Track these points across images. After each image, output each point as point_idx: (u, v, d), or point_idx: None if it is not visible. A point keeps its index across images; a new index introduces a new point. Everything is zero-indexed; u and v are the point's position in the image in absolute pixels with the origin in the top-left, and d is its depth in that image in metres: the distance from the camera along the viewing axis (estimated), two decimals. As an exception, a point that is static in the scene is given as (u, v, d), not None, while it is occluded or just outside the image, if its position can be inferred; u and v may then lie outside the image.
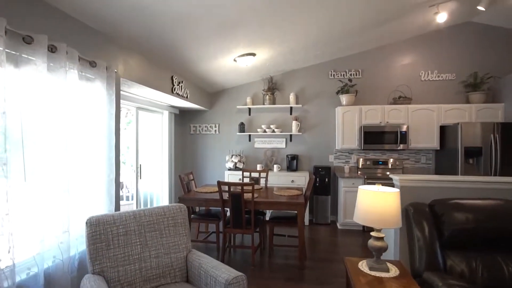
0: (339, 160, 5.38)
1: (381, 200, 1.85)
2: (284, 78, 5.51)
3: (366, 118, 4.96)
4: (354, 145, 5.00)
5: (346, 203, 4.78)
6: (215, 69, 4.42)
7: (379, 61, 5.24)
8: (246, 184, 3.24)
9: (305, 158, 5.48)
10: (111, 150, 2.58)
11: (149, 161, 5.09)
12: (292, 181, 5.03)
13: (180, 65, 3.96)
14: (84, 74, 2.36)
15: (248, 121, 5.63)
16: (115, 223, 1.97)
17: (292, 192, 3.77)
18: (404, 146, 4.83)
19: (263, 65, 4.77)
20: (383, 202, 1.85)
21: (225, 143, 5.75)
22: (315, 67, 5.41)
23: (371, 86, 5.27)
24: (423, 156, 5.18)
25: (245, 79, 5.42)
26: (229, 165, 5.31)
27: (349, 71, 5.31)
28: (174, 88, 4.08)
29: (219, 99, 5.78)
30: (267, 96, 5.37)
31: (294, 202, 3.27)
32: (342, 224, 4.84)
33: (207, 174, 5.83)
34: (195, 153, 5.88)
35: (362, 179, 4.73)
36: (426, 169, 5.16)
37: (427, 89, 5.14)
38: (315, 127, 5.45)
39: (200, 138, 5.86)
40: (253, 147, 5.64)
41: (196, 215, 3.86)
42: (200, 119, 5.86)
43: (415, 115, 4.86)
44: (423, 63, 5.15)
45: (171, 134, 5.19)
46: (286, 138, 5.52)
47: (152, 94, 3.92)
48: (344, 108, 5.02)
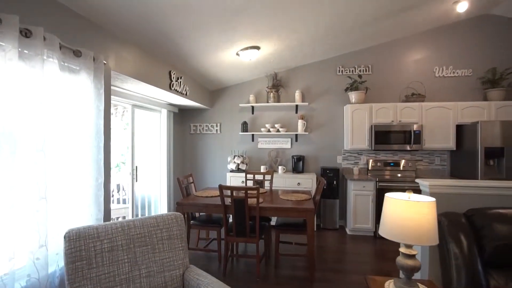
0: (348, 162, 5.08)
1: (413, 211, 1.55)
2: (289, 75, 5.22)
3: (377, 116, 4.66)
4: (364, 146, 4.69)
5: (356, 207, 4.47)
6: (217, 64, 4.13)
7: (390, 56, 4.94)
8: (251, 189, 2.95)
9: (312, 159, 5.18)
10: (99, 151, 2.29)
11: (146, 162, 4.80)
12: (298, 184, 4.73)
13: (178, 59, 3.67)
14: (67, 65, 2.07)
15: (251, 120, 5.34)
16: (99, 237, 1.67)
17: (300, 196, 3.47)
18: (418, 147, 4.53)
19: (267, 61, 4.48)
20: (416, 213, 1.55)
21: (227, 143, 5.46)
22: (322, 63, 5.11)
23: (382, 83, 4.97)
24: (437, 157, 4.87)
25: (248, 76, 5.13)
26: (231, 166, 5.02)
27: (358, 67, 5.01)
28: (172, 84, 3.79)
29: (221, 97, 5.49)
30: (271, 94, 5.08)
31: (303, 208, 2.97)
32: (352, 230, 4.54)
33: (208, 177, 5.54)
34: (195, 154, 5.59)
35: (373, 181, 4.43)
36: (441, 171, 4.85)
37: (442, 86, 4.83)
38: (322, 126, 5.15)
39: (200, 138, 5.58)
40: (257, 148, 5.34)
41: (196, 221, 3.57)
42: (201, 118, 5.57)
43: (429, 114, 4.56)
44: (437, 58, 4.84)
45: (169, 134, 4.91)
46: (292, 138, 5.23)
47: (148, 90, 3.63)
48: (353, 106, 4.72)
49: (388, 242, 4.18)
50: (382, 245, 4.11)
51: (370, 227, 4.44)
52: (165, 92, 3.75)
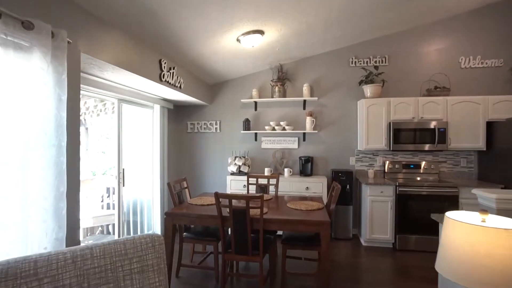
0: (362, 163, 4.55)
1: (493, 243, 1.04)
2: (296, 67, 4.71)
3: (396, 112, 4.13)
4: (381, 145, 4.17)
5: (373, 215, 3.95)
6: (215, 52, 3.64)
7: (409, 46, 4.41)
8: (253, 197, 2.44)
9: (322, 161, 4.66)
10: (60, 152, 1.81)
11: (137, 164, 4.32)
12: (307, 188, 4.22)
13: (170, 45, 3.17)
14: (11, 39, 1.58)
15: (254, 117, 4.84)
16: (36, 275, 1.18)
17: (310, 204, 2.96)
18: (443, 147, 3.99)
19: (272, 49, 3.97)
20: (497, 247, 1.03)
21: (227, 143, 4.96)
22: (333, 54, 4.59)
23: (400, 75, 4.44)
24: (463, 158, 4.33)
25: (250, 68, 4.63)
26: (232, 169, 4.52)
27: (373, 57, 4.49)
28: (163, 75, 3.31)
29: (221, 92, 5.00)
30: (277, 88, 4.57)
31: (316, 221, 2.46)
32: (367, 241, 4.01)
33: (207, 180, 5.05)
34: (193, 155, 5.10)
35: (392, 186, 3.90)
36: (467, 174, 4.31)
37: (469, 79, 4.29)
38: (333, 124, 4.63)
39: (198, 137, 5.08)
40: (260, 148, 4.84)
41: (190, 233, 3.08)
42: (199, 115, 5.08)
43: (455, 109, 4.02)
44: (463, 48, 4.30)
45: (163, 133, 4.42)
46: (299, 137, 4.72)
47: (135, 82, 3.15)
48: (368, 101, 4.20)
49: (411, 256, 3.65)
50: (404, 260, 3.58)
51: (388, 238, 3.92)
52: (154, 84, 3.27)
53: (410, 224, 3.83)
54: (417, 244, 3.81)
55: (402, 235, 3.85)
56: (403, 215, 3.84)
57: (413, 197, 3.83)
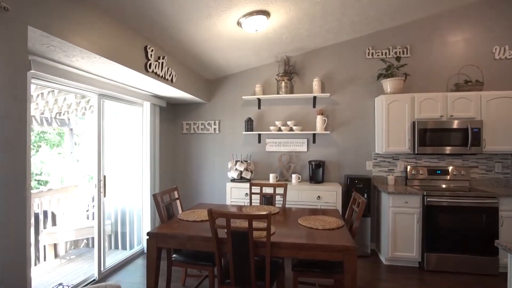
0: (380, 168, 4.00)
1: None
2: (305, 59, 4.17)
3: (421, 110, 3.58)
4: (404, 148, 3.62)
5: (396, 229, 3.39)
6: (211, 39, 3.11)
7: (434, 34, 3.86)
8: (258, 217, 1.90)
9: (334, 166, 4.11)
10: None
11: (123, 170, 3.80)
12: (318, 198, 3.67)
13: (157, 27, 2.65)
14: None
15: (257, 116, 4.30)
16: None
17: (327, 221, 2.42)
18: (477, 149, 3.44)
19: (279, 38, 3.44)
20: None
21: (227, 145, 4.43)
22: (346, 44, 4.05)
23: (424, 68, 3.89)
24: (497, 163, 3.76)
25: (253, 61, 4.10)
26: (233, 175, 3.98)
27: (392, 48, 3.94)
28: (150, 65, 2.78)
29: (220, 89, 4.47)
30: (283, 83, 4.04)
31: (339, 246, 1.91)
32: (390, 259, 3.45)
33: (205, 187, 4.51)
34: (189, 159, 4.57)
35: (419, 195, 3.34)
36: (503, 181, 3.74)
37: (504, 71, 3.74)
38: (348, 123, 4.08)
39: (195, 139, 4.55)
40: (264, 151, 4.29)
41: (180, 255, 2.54)
42: (196, 114, 4.55)
43: (491, 106, 3.47)
44: (496, 36, 3.74)
45: (154, 134, 3.89)
46: (308, 139, 4.17)
47: (116, 73, 2.63)
48: (389, 97, 3.65)
49: (443, 279, 3.09)
50: (434, 282, 3.02)
51: (415, 257, 3.35)
52: (139, 76, 2.74)
53: (440, 241, 3.26)
54: (449, 264, 3.25)
55: (431, 253, 3.28)
56: (432, 230, 3.28)
57: (444, 208, 3.27)
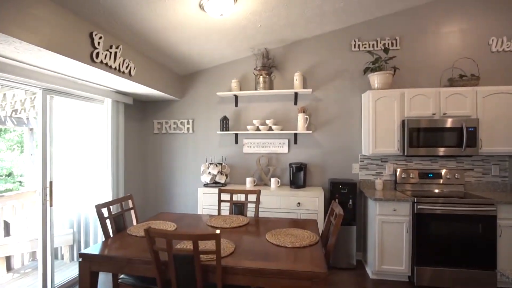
0: (368, 172, 3.65)
1: None
2: (286, 52, 3.81)
3: (412, 108, 3.24)
4: (393, 149, 3.27)
5: (384, 240, 3.05)
6: (173, 27, 2.73)
7: (426, 25, 3.52)
8: (204, 237, 1.53)
9: (317, 169, 3.76)
10: None
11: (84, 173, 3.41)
12: (298, 204, 3.31)
13: (106, 12, 2.26)
14: None
15: (234, 114, 3.93)
16: None
17: (300, 236, 2.06)
18: (473, 151, 3.11)
19: (254, 26, 3.07)
20: None
21: (202, 146, 4.05)
22: (331, 35, 3.69)
23: (414, 61, 3.55)
24: (494, 165, 3.44)
25: (228, 54, 3.72)
26: (205, 179, 3.60)
27: (381, 39, 3.60)
28: (97, 54, 2.39)
29: (194, 84, 4.08)
30: (261, 78, 3.67)
31: (306, 273, 1.55)
32: (376, 273, 3.10)
33: (177, 193, 4.12)
34: (160, 161, 4.18)
35: (408, 202, 3.00)
36: (500, 185, 3.42)
37: (501, 65, 3.41)
38: (332, 122, 3.73)
39: (167, 139, 4.16)
40: (242, 152, 3.92)
41: (129, 276, 2.16)
42: (167, 112, 4.16)
43: (488, 103, 3.14)
44: (493, 27, 3.42)
45: (117, 133, 3.50)
46: (289, 139, 3.81)
47: (56, 63, 2.24)
48: (376, 93, 3.30)
49: (436, 297, 2.76)
50: (426, 303, 2.69)
51: (404, 270, 3.01)
52: (84, 67, 2.35)
53: (432, 253, 2.93)
54: (442, 279, 2.91)
55: (422, 267, 2.94)
56: (423, 241, 2.94)
57: (436, 217, 2.93)
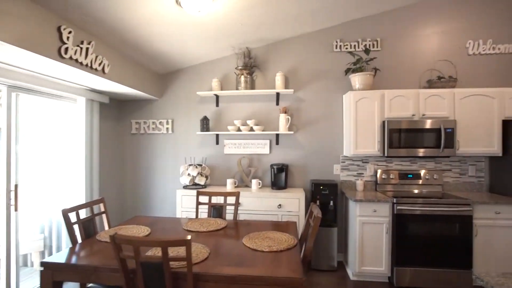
0: (349, 172, 3.65)
1: None
2: (268, 52, 3.76)
3: (392, 109, 3.25)
4: (373, 150, 3.28)
5: (364, 241, 3.04)
6: (149, 23, 2.63)
7: (406, 27, 3.55)
8: (174, 243, 1.45)
9: (299, 170, 3.72)
10: None
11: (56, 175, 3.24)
12: (279, 206, 3.26)
13: (75, 5, 2.14)
14: None
15: (215, 114, 3.85)
16: None
17: (278, 239, 2.00)
18: (450, 151, 3.15)
19: (236, 25, 3.00)
20: None
21: (182, 147, 3.94)
22: (313, 36, 3.67)
23: (395, 63, 3.57)
24: (471, 166, 3.50)
25: (209, 53, 3.64)
26: (184, 180, 3.50)
27: (362, 41, 3.60)
28: (66, 50, 2.26)
29: (173, 83, 3.97)
30: (242, 77, 3.61)
31: (282, 279, 1.49)
32: (357, 274, 3.09)
33: (155, 195, 3.99)
34: (139, 163, 4.04)
35: (388, 203, 3.01)
36: (476, 186, 3.49)
37: (477, 67, 3.48)
38: (314, 123, 3.70)
39: (146, 139, 4.03)
40: (222, 153, 3.84)
41: (97, 284, 2.04)
42: (146, 112, 4.03)
43: (465, 105, 3.19)
44: (470, 30, 3.48)
45: (92, 134, 3.34)
46: (271, 140, 3.76)
47: (22, 58, 2.10)
48: (357, 93, 3.30)
49: (414, 298, 2.77)
50: (405, 303, 2.69)
51: (384, 271, 3.01)
52: (51, 63, 2.22)
53: (411, 253, 2.94)
54: (421, 279, 2.93)
55: (401, 268, 2.95)
56: (402, 241, 2.95)
57: (414, 217, 2.95)
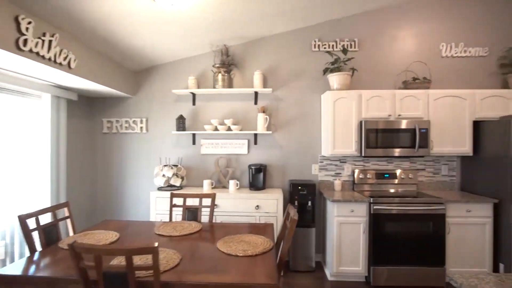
0: (327, 172, 3.64)
1: None
2: (246, 50, 3.69)
3: (369, 109, 3.27)
4: (351, 150, 3.28)
5: (342, 241, 3.04)
6: (121, 16, 2.48)
7: (383, 28, 3.59)
8: (139, 252, 1.35)
9: (277, 170, 3.68)
10: None
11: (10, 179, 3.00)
12: (257, 207, 3.20)
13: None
14: None
15: (191, 113, 3.73)
16: None
17: (253, 242, 1.93)
18: (424, 151, 3.20)
19: (212, 22, 2.90)
20: None
21: (157, 147, 3.79)
22: (291, 35, 3.64)
23: (371, 63, 3.61)
24: (444, 165, 3.59)
25: (186, 50, 3.52)
26: (159, 182, 3.36)
27: (340, 41, 3.61)
28: (25, 41, 2.08)
29: (148, 81, 3.81)
30: (220, 76, 3.51)
31: (255, 286, 1.42)
32: (334, 274, 3.08)
33: (128, 197, 3.81)
34: (111, 163, 3.84)
35: (365, 203, 3.02)
36: (449, 184, 3.58)
37: (450, 69, 3.58)
38: (292, 123, 3.67)
39: (118, 139, 3.84)
40: (199, 153, 3.73)
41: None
42: (119, 110, 3.84)
43: (438, 105, 3.26)
44: (443, 33, 3.57)
45: (57, 132, 3.14)
46: (249, 140, 3.69)
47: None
48: (335, 93, 3.29)
49: (390, 297, 2.79)
50: (381, 303, 2.70)
51: (361, 271, 3.02)
52: (8, 55, 2.04)
53: (387, 252, 2.97)
54: (397, 278, 2.96)
55: (378, 267, 2.97)
56: (379, 241, 2.97)
57: (391, 216, 2.97)
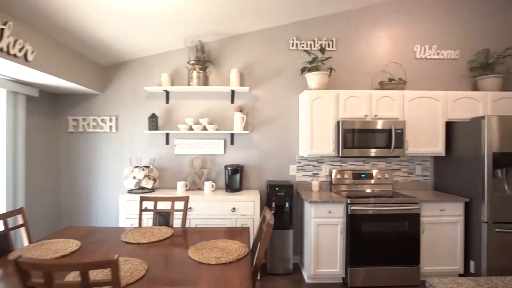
0: (305, 173, 3.60)
1: None
2: (222, 47, 3.57)
3: (346, 109, 3.26)
4: (329, 150, 3.25)
5: (319, 242, 2.99)
6: (82, 4, 2.29)
7: (360, 29, 3.60)
8: (95, 265, 1.20)
9: (254, 171, 3.59)
10: None
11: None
12: (233, 210, 3.09)
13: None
14: None
15: (165, 112, 3.56)
16: None
17: (228, 248, 1.83)
18: (400, 152, 3.23)
19: (186, 16, 2.76)
20: None
21: (127, 147, 3.58)
22: (269, 32, 3.56)
23: (348, 63, 3.60)
24: (418, 165, 3.66)
25: (159, 45, 3.35)
26: (129, 184, 3.17)
27: (318, 40, 3.57)
28: (-30, 29, 1.86)
29: (118, 77, 3.60)
30: (195, 73, 3.37)
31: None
32: (312, 277, 3.03)
33: (96, 201, 3.58)
34: (77, 165, 3.59)
35: (342, 204, 2.99)
36: (423, 184, 3.65)
37: (424, 71, 3.64)
38: (270, 122, 3.59)
39: (85, 139, 3.60)
40: (173, 154, 3.57)
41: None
42: (86, 108, 3.60)
43: (412, 106, 3.30)
44: (417, 35, 3.63)
45: (14, 131, 2.87)
46: (225, 140, 3.58)
47: None
48: (313, 93, 3.25)
49: (367, 298, 2.77)
50: (358, 304, 2.68)
51: (338, 272, 2.99)
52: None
53: (364, 253, 2.96)
54: (374, 278, 2.96)
55: (355, 268, 2.96)
56: (356, 241, 2.96)
57: (367, 217, 2.97)
